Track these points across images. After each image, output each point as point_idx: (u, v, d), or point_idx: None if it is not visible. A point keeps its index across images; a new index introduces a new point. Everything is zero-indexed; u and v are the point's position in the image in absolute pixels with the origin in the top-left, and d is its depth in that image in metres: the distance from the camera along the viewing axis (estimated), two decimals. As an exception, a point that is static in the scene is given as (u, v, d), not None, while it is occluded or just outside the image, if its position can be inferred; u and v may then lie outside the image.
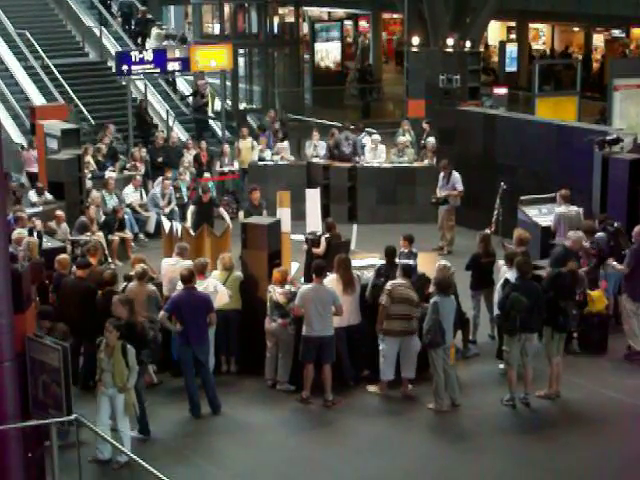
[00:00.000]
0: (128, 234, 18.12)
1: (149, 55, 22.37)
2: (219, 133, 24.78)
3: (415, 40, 24.77)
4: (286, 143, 22.00)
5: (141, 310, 11.95)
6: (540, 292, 11.90)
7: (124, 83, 24.25)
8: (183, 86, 28.84)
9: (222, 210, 18.04)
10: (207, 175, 21.32)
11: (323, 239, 14.81)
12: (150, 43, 28.62)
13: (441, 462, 10.92)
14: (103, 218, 17.90)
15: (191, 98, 27.05)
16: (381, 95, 38.16)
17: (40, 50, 26.75)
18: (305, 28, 40.34)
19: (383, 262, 13.07)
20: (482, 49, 32.51)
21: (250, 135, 22.48)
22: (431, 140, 20.72)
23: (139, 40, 28.88)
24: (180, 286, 12.10)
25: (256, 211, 16.15)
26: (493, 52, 40.13)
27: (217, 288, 12.45)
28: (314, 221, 16.54)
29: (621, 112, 22.01)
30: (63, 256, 13.42)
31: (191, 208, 17.85)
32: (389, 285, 12.09)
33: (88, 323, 12.16)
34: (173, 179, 20.18)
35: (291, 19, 39.05)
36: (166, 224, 15.65)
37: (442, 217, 18.24)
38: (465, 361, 13.14)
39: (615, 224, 14.48)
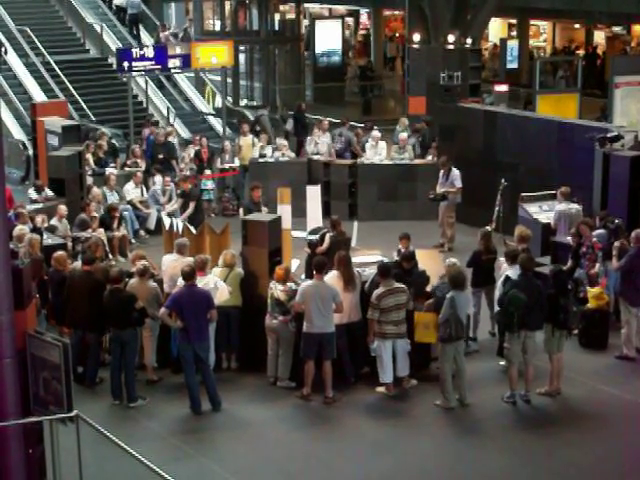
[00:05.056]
0: (123, 232, 17.95)
1: (150, 52, 22.40)
2: (220, 130, 24.81)
3: (416, 37, 24.76)
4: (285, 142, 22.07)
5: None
6: (541, 289, 11.89)
7: (125, 80, 24.26)
8: (184, 83, 28.93)
9: (191, 205, 17.96)
10: (208, 172, 21.33)
11: (327, 237, 14.76)
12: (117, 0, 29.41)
13: (441, 459, 10.93)
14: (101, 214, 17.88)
15: None
16: (382, 92, 38.15)
17: (41, 46, 26.78)
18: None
19: (385, 259, 13.09)
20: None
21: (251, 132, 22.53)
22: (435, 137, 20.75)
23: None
24: (181, 283, 12.11)
25: (256, 208, 16.15)
26: (494, 52, 39.76)
27: (217, 284, 12.44)
28: (315, 218, 16.53)
29: (622, 109, 22.00)
30: (60, 253, 13.43)
31: (179, 201, 18.18)
32: (374, 298, 12.03)
33: (95, 317, 12.21)
34: (173, 176, 20.20)
35: (292, 16, 39.05)
36: (166, 221, 15.65)
37: (442, 214, 18.22)
38: (465, 358, 13.10)
39: (616, 221, 14.49)
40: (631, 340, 13.22)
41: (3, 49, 25.94)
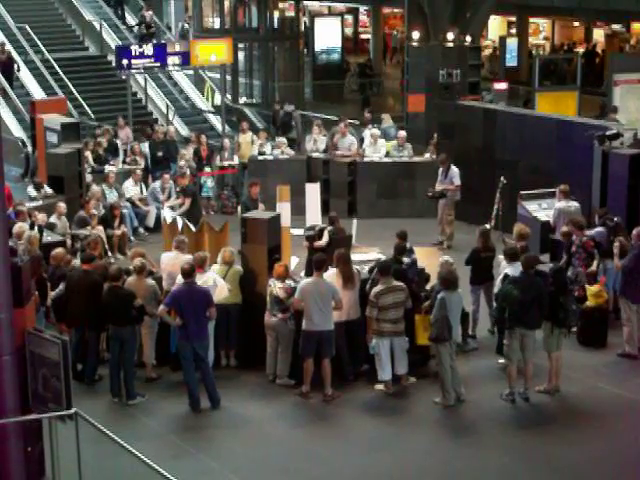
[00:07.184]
0: (123, 229, 17.99)
1: (149, 49, 22.39)
2: (219, 127, 24.79)
3: (415, 34, 24.76)
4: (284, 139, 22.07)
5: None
6: (542, 287, 11.87)
7: (124, 77, 24.25)
8: (183, 81, 28.93)
9: (187, 201, 18.04)
10: (207, 169, 21.32)
11: (326, 232, 14.76)
12: None
13: (440, 456, 10.93)
14: (102, 212, 17.89)
15: (136, 28, 27.57)
16: (381, 89, 38.14)
17: (40, 44, 26.77)
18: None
19: (383, 257, 13.08)
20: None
21: (250, 129, 22.52)
22: (434, 135, 20.75)
23: None
24: (180, 280, 12.11)
25: (254, 205, 16.15)
26: (493, 54, 39.59)
27: (216, 282, 12.45)
28: (314, 215, 16.53)
29: (621, 107, 22.00)
30: (58, 250, 13.44)
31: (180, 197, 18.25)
32: (373, 295, 12.04)
33: (94, 316, 12.21)
34: (172, 174, 20.20)
35: (291, 13, 39.03)
36: (167, 214, 15.65)
37: (441, 211, 18.22)
38: (464, 356, 13.12)
39: (615, 219, 14.49)
40: (633, 338, 13.22)
41: (16, 66, 25.99)
